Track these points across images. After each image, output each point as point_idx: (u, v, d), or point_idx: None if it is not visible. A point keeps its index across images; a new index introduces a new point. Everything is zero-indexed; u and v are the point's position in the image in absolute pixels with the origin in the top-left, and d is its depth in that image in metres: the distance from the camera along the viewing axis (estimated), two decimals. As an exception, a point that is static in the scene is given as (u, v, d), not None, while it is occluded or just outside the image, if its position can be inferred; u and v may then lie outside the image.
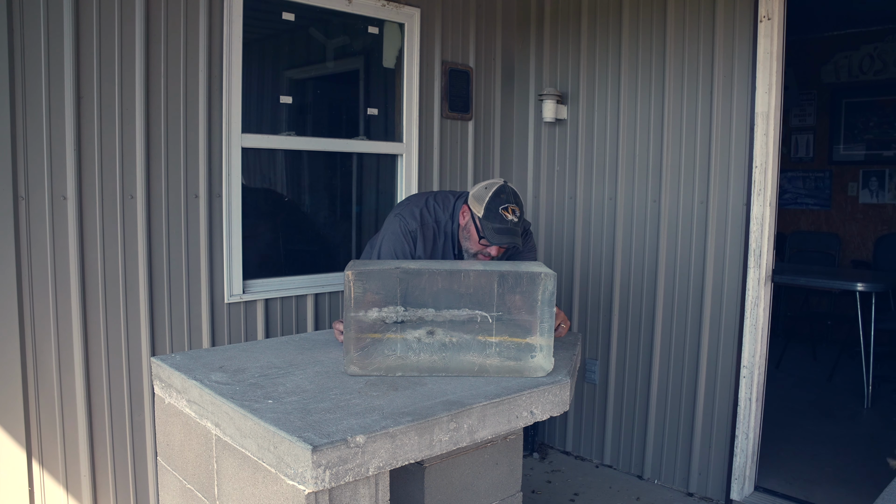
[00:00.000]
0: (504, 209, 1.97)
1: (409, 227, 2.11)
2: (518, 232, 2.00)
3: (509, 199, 1.99)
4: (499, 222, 1.97)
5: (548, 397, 1.61)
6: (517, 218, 1.98)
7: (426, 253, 2.14)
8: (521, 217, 2.00)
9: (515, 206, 1.99)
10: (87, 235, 2.28)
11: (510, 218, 1.97)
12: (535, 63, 3.56)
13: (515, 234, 1.99)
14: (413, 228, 2.11)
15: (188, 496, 1.69)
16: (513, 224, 1.98)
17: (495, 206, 1.97)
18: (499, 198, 1.99)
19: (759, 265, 2.80)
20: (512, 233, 1.98)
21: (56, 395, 2.25)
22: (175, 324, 2.50)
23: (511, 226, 1.97)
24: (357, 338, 1.61)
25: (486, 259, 2.06)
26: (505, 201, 1.98)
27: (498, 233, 1.97)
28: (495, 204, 1.98)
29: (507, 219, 1.97)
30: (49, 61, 2.15)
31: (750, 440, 2.89)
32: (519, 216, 1.99)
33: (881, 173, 5.55)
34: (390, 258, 2.11)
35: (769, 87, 2.71)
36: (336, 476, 1.26)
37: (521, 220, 2.00)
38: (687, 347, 3.04)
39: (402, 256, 2.11)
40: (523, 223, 2.04)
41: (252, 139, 2.69)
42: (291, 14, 2.81)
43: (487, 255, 2.05)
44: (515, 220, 1.98)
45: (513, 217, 1.97)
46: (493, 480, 1.81)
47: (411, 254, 2.12)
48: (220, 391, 1.52)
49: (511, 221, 1.97)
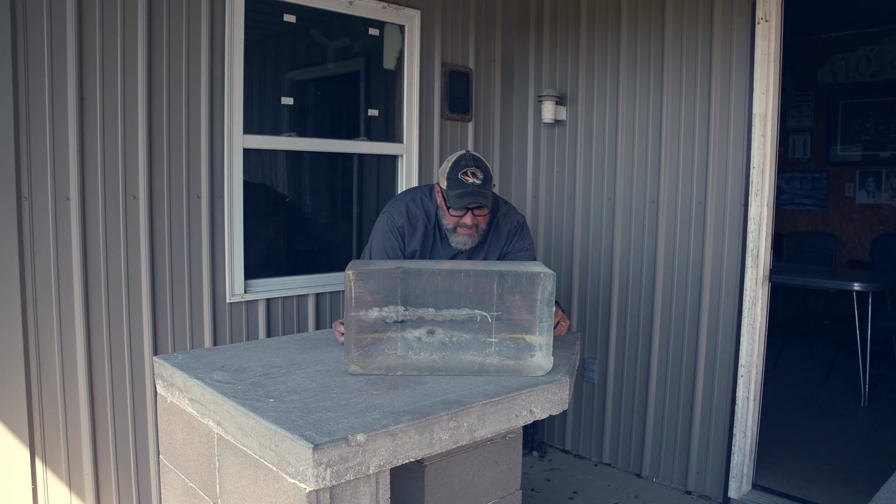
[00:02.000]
0: (463, 174, 1.97)
1: (396, 223, 2.13)
2: (481, 192, 1.97)
3: (468, 164, 1.99)
4: (460, 187, 1.96)
5: (547, 396, 1.61)
6: (479, 180, 1.97)
7: (418, 245, 2.15)
8: (484, 179, 1.98)
9: (475, 169, 1.98)
10: (90, 235, 2.29)
11: (470, 181, 1.96)
12: (534, 64, 3.57)
13: (477, 195, 1.97)
14: (400, 224, 2.13)
15: (190, 494, 1.70)
16: (474, 186, 1.96)
17: (455, 174, 1.98)
18: (458, 165, 1.99)
19: (756, 265, 2.81)
20: (473, 194, 1.96)
21: (59, 394, 2.26)
22: (177, 323, 2.52)
23: (472, 188, 1.96)
24: (358, 337, 1.62)
25: (468, 231, 2.04)
26: (464, 166, 1.98)
27: (459, 197, 1.97)
28: (455, 172, 1.98)
29: (468, 182, 1.96)
30: (52, 63, 2.16)
31: (748, 439, 2.90)
32: (482, 178, 1.98)
33: (878, 174, 5.56)
34: (380, 256, 2.12)
35: (767, 89, 2.73)
36: (337, 474, 1.26)
37: (484, 182, 1.98)
38: (685, 347, 3.06)
39: (391, 253, 2.12)
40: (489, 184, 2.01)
41: (253, 140, 2.70)
42: (292, 16, 2.82)
43: (466, 226, 2.03)
44: (477, 182, 1.96)
45: (473, 179, 1.96)
46: (493, 479, 1.81)
47: (401, 249, 2.13)
48: (222, 390, 1.52)
49: (472, 184, 1.96)
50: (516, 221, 2.23)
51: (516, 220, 2.23)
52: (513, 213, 2.25)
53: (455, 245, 2.10)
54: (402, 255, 2.13)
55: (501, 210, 2.22)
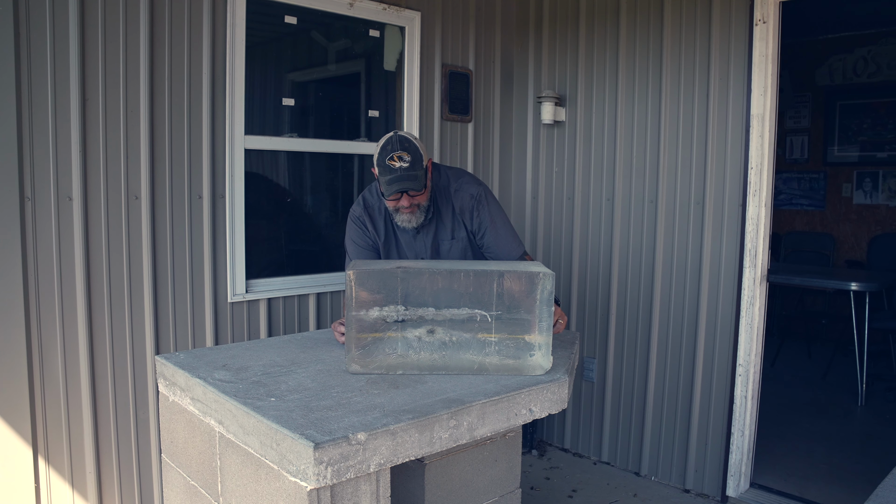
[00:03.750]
0: (390, 159, 1.95)
1: (356, 213, 2.20)
2: (409, 175, 1.95)
3: (394, 148, 1.95)
4: (388, 173, 1.95)
5: (546, 395, 1.62)
6: (406, 163, 1.94)
7: (382, 230, 2.18)
8: (412, 160, 1.95)
9: (402, 152, 1.94)
10: (93, 236, 2.30)
11: (398, 165, 1.94)
12: (533, 66, 3.59)
13: (404, 179, 1.95)
14: (359, 214, 2.18)
15: (192, 493, 1.70)
16: (401, 170, 1.94)
17: (383, 160, 1.96)
18: (385, 150, 1.97)
19: (754, 265, 2.83)
20: (400, 179, 1.95)
21: (62, 393, 2.27)
22: (179, 323, 2.53)
23: (400, 172, 1.94)
24: (358, 336, 1.62)
25: (409, 212, 2.04)
26: (390, 151, 1.95)
27: (388, 184, 1.96)
28: (383, 157, 1.97)
29: (395, 167, 1.94)
30: (55, 64, 2.17)
31: (745, 437, 2.92)
32: (409, 160, 1.94)
33: (875, 174, 5.58)
34: (352, 248, 2.19)
35: (764, 90, 2.74)
36: (338, 473, 1.27)
37: (412, 164, 1.95)
38: (683, 346, 3.07)
39: (358, 241, 2.17)
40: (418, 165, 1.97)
41: (255, 141, 2.71)
42: (293, 18, 2.83)
43: (406, 207, 2.03)
44: (404, 165, 1.94)
45: (401, 163, 1.94)
46: (493, 477, 1.81)
47: (371, 237, 2.17)
48: (224, 389, 1.53)
49: (400, 168, 1.94)
50: (469, 195, 2.14)
51: (469, 194, 2.15)
52: (466, 187, 2.16)
53: (401, 224, 2.10)
54: (371, 240, 2.18)
55: (453, 185, 2.16)
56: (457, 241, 2.18)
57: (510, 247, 2.17)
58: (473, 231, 2.18)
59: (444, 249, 2.19)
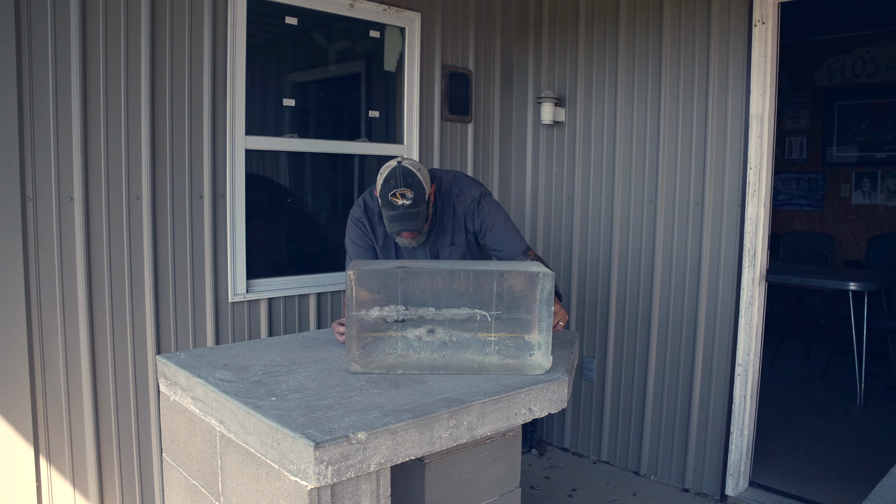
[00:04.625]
0: (392, 196, 1.95)
1: (356, 214, 2.21)
2: (411, 214, 1.96)
3: (397, 184, 1.94)
4: (390, 209, 1.97)
5: (546, 395, 1.62)
6: (409, 200, 1.95)
7: (382, 232, 2.20)
8: (415, 198, 1.95)
9: (404, 189, 1.94)
10: (94, 236, 2.31)
11: (399, 203, 1.95)
12: (533, 66, 3.59)
13: (406, 218, 1.97)
14: (359, 215, 2.21)
15: (193, 492, 1.71)
16: (403, 208, 1.95)
17: (385, 194, 1.97)
18: (388, 184, 1.96)
19: (753, 265, 2.84)
20: (402, 217, 1.96)
21: (63, 392, 2.28)
22: (180, 322, 2.53)
23: (402, 211, 1.95)
24: (359, 336, 1.63)
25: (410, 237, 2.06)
26: (393, 186, 1.94)
27: (390, 221, 1.98)
28: (385, 191, 1.97)
29: (398, 204, 1.95)
30: (56, 65, 2.18)
31: (744, 436, 2.92)
32: (412, 198, 1.95)
33: (873, 174, 5.59)
34: (352, 248, 2.21)
35: (763, 90, 2.75)
36: (338, 472, 1.27)
37: (415, 201, 1.95)
38: (683, 346, 3.08)
39: (360, 242, 2.20)
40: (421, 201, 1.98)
41: (255, 141, 2.72)
42: (294, 18, 2.83)
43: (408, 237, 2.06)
44: (407, 203, 1.95)
45: (403, 201, 1.95)
46: (493, 476, 1.82)
47: (370, 238, 2.20)
48: (224, 389, 1.53)
49: (402, 206, 1.95)
50: (471, 198, 2.17)
51: (471, 197, 2.17)
52: (467, 190, 2.19)
53: (401, 244, 2.13)
54: (370, 241, 2.21)
55: (455, 190, 2.18)
56: (456, 246, 2.20)
57: (513, 243, 2.19)
58: (476, 231, 2.20)
59: (444, 256, 2.22)
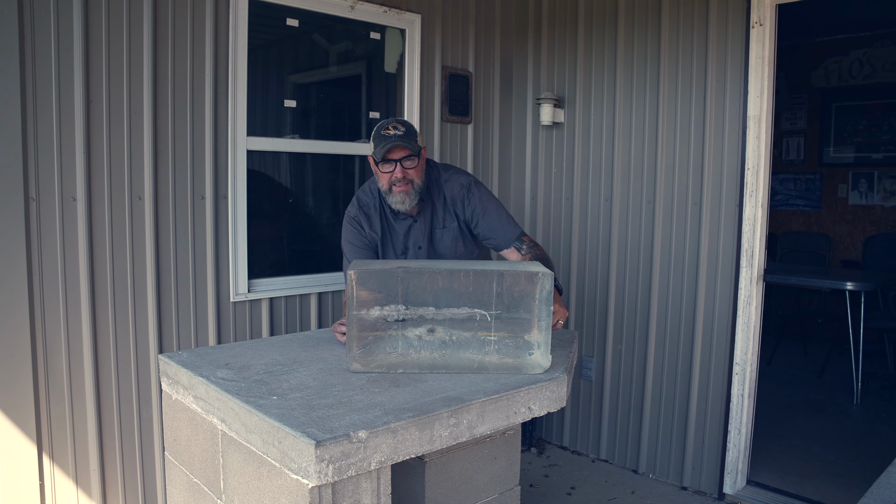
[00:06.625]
0: (384, 129, 2.04)
1: (351, 213, 2.24)
2: (400, 137, 2.02)
3: (389, 122, 2.07)
4: (382, 141, 2.03)
5: (545, 393, 1.63)
6: (400, 131, 2.03)
7: (377, 228, 2.22)
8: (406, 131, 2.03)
9: (396, 124, 2.05)
10: (97, 236, 2.32)
11: (392, 133, 2.02)
12: (532, 68, 3.61)
13: (397, 139, 2.02)
14: (354, 214, 2.23)
15: (195, 490, 1.71)
16: (396, 136, 2.02)
17: (378, 132, 2.06)
18: (381, 126, 2.07)
19: (751, 265, 2.85)
20: (393, 139, 2.02)
21: (66, 391, 2.29)
22: (182, 322, 2.55)
23: (394, 137, 2.02)
24: (359, 335, 1.63)
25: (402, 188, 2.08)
26: (385, 124, 2.06)
27: (382, 147, 2.02)
28: (378, 131, 2.07)
29: (390, 134, 2.02)
30: (59, 66, 2.19)
31: (742, 435, 2.94)
32: (403, 130, 2.03)
33: (870, 175, 5.61)
34: (348, 248, 2.24)
35: (761, 92, 2.77)
36: (339, 470, 1.27)
37: (406, 133, 2.03)
38: (681, 345, 3.09)
39: (356, 242, 2.22)
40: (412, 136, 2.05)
41: (257, 142, 2.73)
42: (295, 20, 2.85)
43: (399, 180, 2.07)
44: (399, 133, 2.02)
45: (395, 131, 2.03)
46: (492, 474, 1.82)
47: (367, 236, 2.22)
48: (226, 387, 1.54)
49: (394, 135, 2.02)
50: (459, 185, 2.20)
51: (459, 184, 2.20)
52: (455, 177, 2.22)
53: (395, 206, 2.13)
54: (367, 239, 2.23)
55: (443, 176, 2.22)
56: (448, 230, 2.23)
57: (505, 230, 2.19)
58: (467, 220, 2.21)
59: (437, 238, 2.24)
